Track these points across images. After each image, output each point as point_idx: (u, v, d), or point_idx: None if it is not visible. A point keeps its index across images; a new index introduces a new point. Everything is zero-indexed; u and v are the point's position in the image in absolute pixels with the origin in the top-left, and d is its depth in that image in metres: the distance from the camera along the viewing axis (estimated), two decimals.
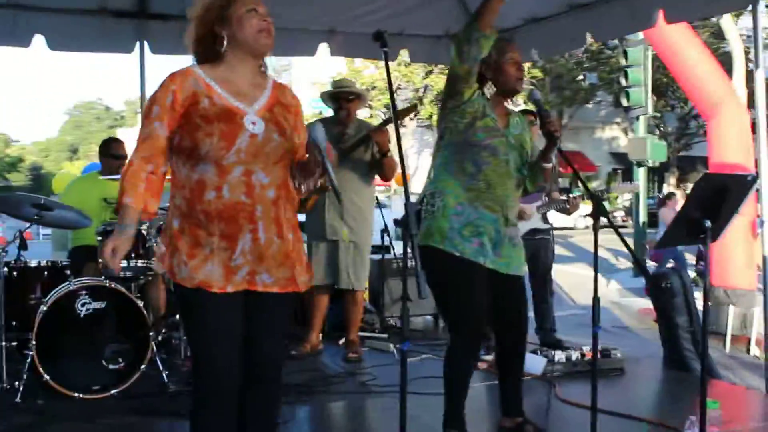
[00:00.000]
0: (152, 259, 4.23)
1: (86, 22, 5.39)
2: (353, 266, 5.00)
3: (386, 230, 6.22)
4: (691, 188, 3.00)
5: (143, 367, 4.02)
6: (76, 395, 3.85)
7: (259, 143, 2.34)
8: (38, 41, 5.23)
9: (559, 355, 4.52)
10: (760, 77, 4.41)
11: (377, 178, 5.14)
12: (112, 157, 5.06)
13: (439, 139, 3.34)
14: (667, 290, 4.63)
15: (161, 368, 4.09)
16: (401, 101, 28.04)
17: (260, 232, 2.33)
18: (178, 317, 4.57)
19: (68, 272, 4.39)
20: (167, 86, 2.34)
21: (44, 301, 3.96)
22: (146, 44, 5.61)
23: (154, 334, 4.16)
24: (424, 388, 3.84)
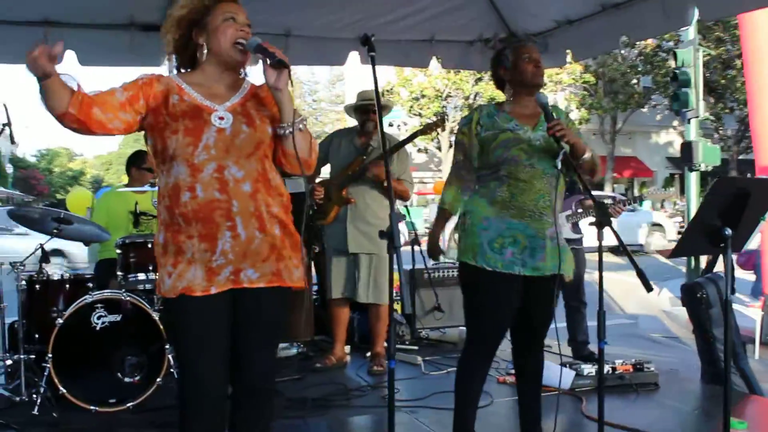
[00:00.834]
0: None
1: (115, 36, 5.41)
2: (373, 280, 4.97)
3: (416, 240, 6.13)
4: (706, 193, 2.82)
5: (159, 380, 4.01)
6: (92, 408, 3.87)
7: (227, 137, 2.30)
8: (69, 57, 5.31)
9: (588, 368, 4.37)
10: None
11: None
12: (145, 169, 5.13)
13: None
14: (703, 300, 4.41)
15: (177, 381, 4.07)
16: (451, 109, 27.93)
17: (239, 228, 2.28)
18: None
19: (91, 285, 4.41)
20: (143, 75, 2.37)
21: (62, 314, 3.99)
22: (174, 56, 5.63)
23: (170, 347, 4.14)
24: (443, 402, 3.74)
